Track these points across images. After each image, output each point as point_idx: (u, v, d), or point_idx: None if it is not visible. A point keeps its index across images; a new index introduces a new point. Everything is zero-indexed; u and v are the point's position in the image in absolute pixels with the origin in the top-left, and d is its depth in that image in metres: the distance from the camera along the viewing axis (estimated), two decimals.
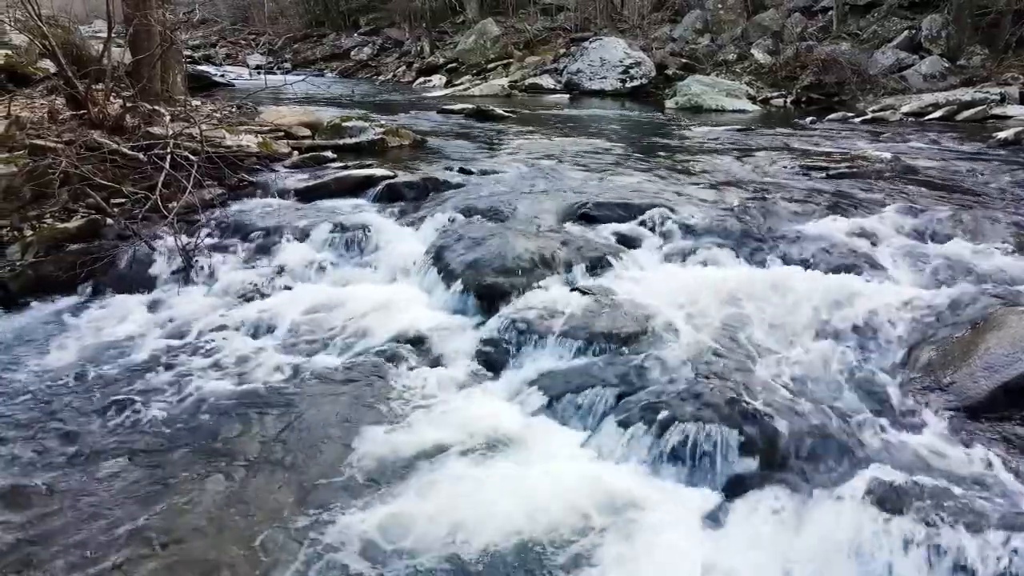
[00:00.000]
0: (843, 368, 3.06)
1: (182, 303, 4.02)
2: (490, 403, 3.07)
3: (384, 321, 3.77)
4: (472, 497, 2.44)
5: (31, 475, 2.58)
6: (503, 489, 2.48)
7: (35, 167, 4.78)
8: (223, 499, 2.46)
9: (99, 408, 3.02)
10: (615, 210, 4.98)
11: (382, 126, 8.00)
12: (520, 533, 2.29)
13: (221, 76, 16.85)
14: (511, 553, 2.22)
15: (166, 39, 6.99)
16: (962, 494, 2.22)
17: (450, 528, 2.30)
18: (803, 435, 2.54)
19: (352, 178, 5.80)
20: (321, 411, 3.02)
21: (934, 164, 6.99)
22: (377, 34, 27.23)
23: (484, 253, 4.15)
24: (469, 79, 19.31)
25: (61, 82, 6.26)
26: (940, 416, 2.68)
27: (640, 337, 3.32)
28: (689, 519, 2.32)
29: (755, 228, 4.64)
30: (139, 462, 2.67)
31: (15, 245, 4.46)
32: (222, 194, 5.39)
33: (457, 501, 2.42)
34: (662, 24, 20.39)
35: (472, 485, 2.51)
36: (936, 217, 4.78)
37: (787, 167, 6.81)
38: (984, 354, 2.89)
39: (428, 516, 2.36)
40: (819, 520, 2.26)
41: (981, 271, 3.94)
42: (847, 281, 3.83)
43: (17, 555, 2.19)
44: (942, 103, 11.69)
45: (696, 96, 13.93)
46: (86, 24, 21.77)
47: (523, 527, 2.31)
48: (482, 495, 2.45)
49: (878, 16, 16.15)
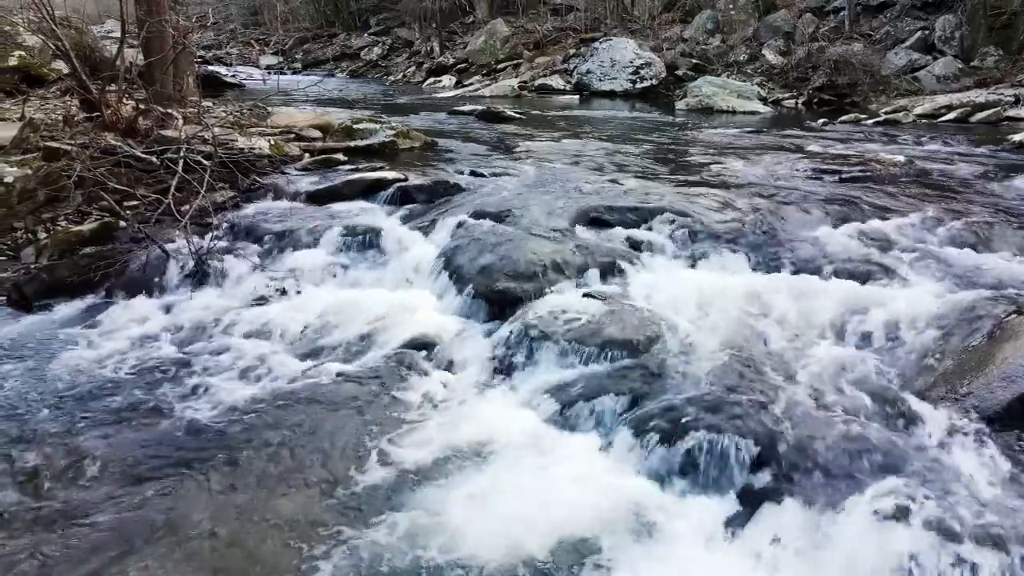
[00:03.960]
0: (857, 377, 3.04)
1: (195, 307, 4.03)
2: (502, 410, 3.06)
3: (396, 325, 3.77)
4: (485, 505, 2.44)
5: (42, 479, 2.59)
6: (516, 497, 2.48)
7: (49, 170, 4.82)
8: (234, 502, 2.46)
9: (112, 412, 3.03)
10: (627, 214, 4.96)
11: (393, 128, 8.02)
12: (532, 542, 2.28)
13: (232, 76, 16.89)
14: (523, 562, 2.21)
15: (179, 42, 7.02)
16: (981, 508, 2.20)
17: (461, 536, 2.29)
18: (818, 446, 2.52)
19: (363, 181, 5.81)
20: (333, 416, 3.02)
21: (948, 168, 6.93)
22: (387, 34, 27.31)
23: (496, 257, 4.14)
24: (479, 79, 19.33)
25: (74, 84, 6.31)
26: (957, 427, 2.65)
27: (653, 344, 3.31)
28: (704, 530, 2.31)
29: (768, 233, 4.61)
30: (151, 466, 2.67)
31: (29, 248, 4.49)
32: (234, 197, 5.41)
33: (469, 509, 2.42)
34: (673, 24, 20.32)
35: (485, 493, 2.50)
36: (951, 222, 4.74)
37: (800, 170, 6.77)
38: (1001, 364, 2.86)
39: (439, 524, 2.35)
40: (834, 533, 2.24)
41: (996, 278, 3.89)
42: (861, 288, 3.80)
43: (29, 561, 2.20)
44: (956, 105, 11.61)
45: (707, 97, 13.88)
46: (98, 24, 21.88)
47: (536, 536, 2.30)
48: (495, 503, 2.45)
49: (891, 16, 16.06)
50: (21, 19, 9.09)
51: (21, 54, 9.86)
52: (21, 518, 2.39)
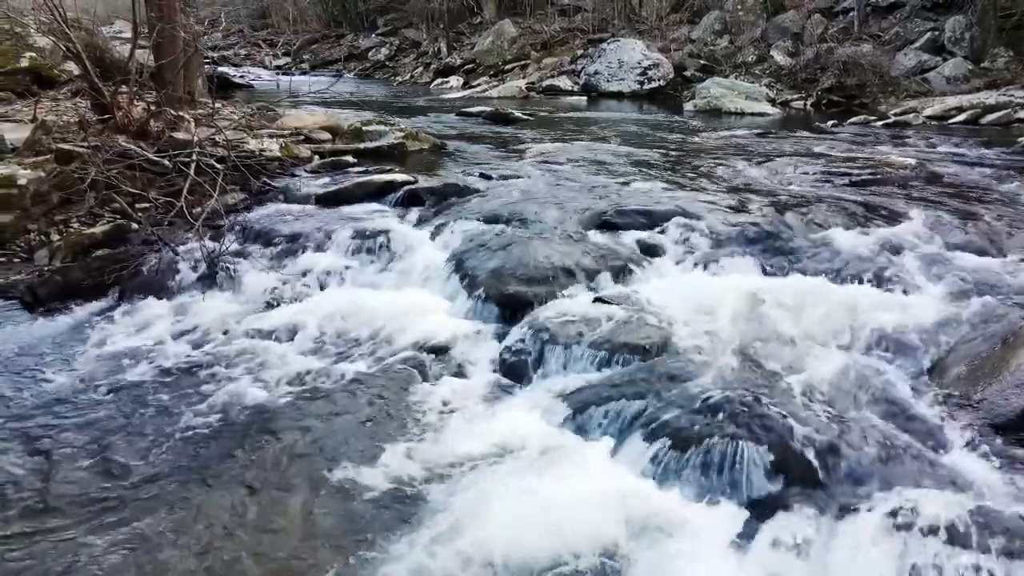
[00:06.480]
0: (870, 383, 3.03)
1: (207, 309, 4.05)
2: (513, 415, 3.06)
3: (406, 328, 3.78)
4: (496, 510, 2.43)
5: (54, 479, 2.61)
6: (528, 503, 2.47)
7: (62, 172, 4.85)
8: (245, 504, 2.48)
9: (125, 415, 3.05)
10: (636, 217, 4.96)
11: (402, 130, 8.03)
12: (544, 548, 2.27)
13: (241, 77, 16.99)
14: (535, 568, 2.21)
15: (190, 44, 7.05)
16: (995, 516, 2.19)
17: (472, 541, 2.29)
18: (831, 452, 2.52)
19: (373, 183, 5.82)
20: (344, 420, 3.03)
21: (959, 170, 6.90)
22: (395, 35, 27.36)
23: (505, 261, 4.15)
24: (486, 80, 19.33)
25: (86, 86, 6.34)
26: (970, 435, 2.64)
27: (664, 348, 3.31)
28: (717, 537, 2.30)
29: (778, 237, 4.60)
30: (163, 468, 2.69)
31: (43, 250, 4.52)
32: (245, 199, 5.44)
33: (481, 514, 2.41)
34: (680, 25, 20.29)
35: (496, 499, 2.49)
36: (963, 226, 4.72)
37: (809, 173, 6.76)
38: (1016, 371, 2.84)
39: (450, 529, 2.35)
40: (847, 540, 2.23)
41: (1009, 283, 3.88)
42: (873, 292, 3.80)
43: (39, 561, 2.21)
44: (966, 106, 11.56)
45: (715, 98, 13.86)
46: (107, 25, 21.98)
47: (547, 542, 2.29)
48: (506, 507, 2.44)
49: (900, 17, 16.00)
50: (32, 20, 9.13)
51: (32, 55, 9.89)
52: (31, 517, 2.41)
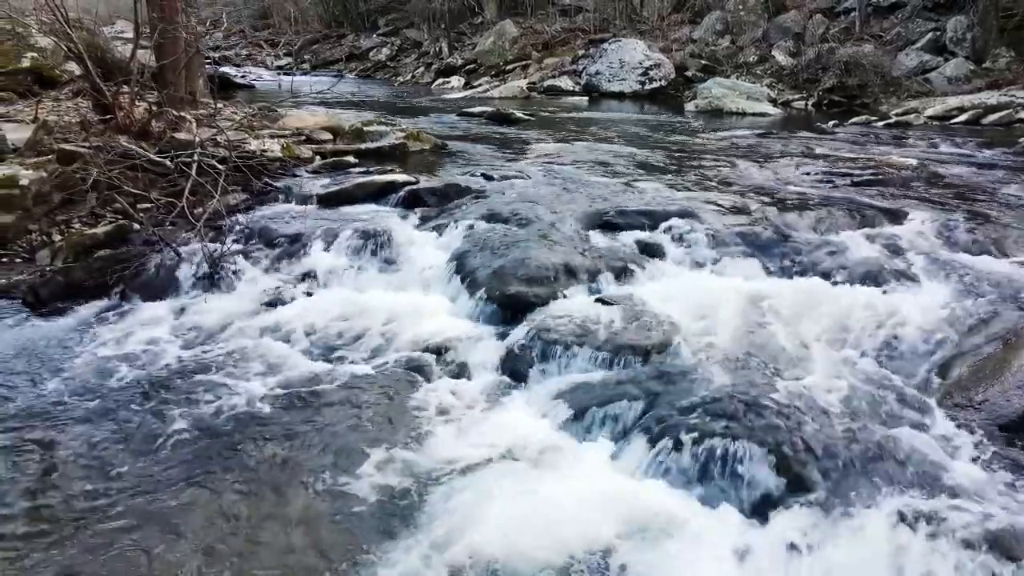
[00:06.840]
0: (872, 383, 3.03)
1: (208, 309, 4.05)
2: (514, 416, 3.06)
3: (407, 329, 3.78)
4: (497, 511, 2.43)
5: (56, 478, 2.61)
6: (529, 503, 2.47)
7: (64, 172, 4.85)
8: (245, 504, 2.48)
9: (127, 415, 3.04)
10: (638, 218, 4.96)
11: (403, 130, 8.03)
12: (544, 550, 2.27)
13: (242, 78, 17.00)
14: (536, 569, 2.21)
15: (191, 45, 7.05)
16: (996, 518, 2.19)
17: (473, 542, 2.29)
18: (832, 453, 2.52)
19: (374, 184, 5.82)
20: (345, 421, 3.03)
21: (961, 171, 6.90)
22: (396, 35, 27.36)
23: (507, 261, 4.14)
24: (487, 80, 19.34)
25: (87, 86, 6.34)
26: (973, 435, 2.65)
27: (665, 349, 3.31)
28: (716, 540, 2.30)
29: (779, 237, 4.60)
30: (163, 470, 2.69)
31: (44, 250, 4.52)
32: (246, 199, 5.44)
33: (481, 515, 2.42)
34: (682, 25, 20.29)
35: (496, 500, 2.50)
36: (964, 227, 4.72)
37: (810, 173, 6.75)
38: (1018, 372, 2.85)
39: (451, 530, 2.35)
40: (849, 541, 2.23)
41: (1011, 284, 3.88)
42: (875, 293, 3.79)
43: (45, 560, 2.22)
44: (967, 107, 11.56)
45: (716, 99, 13.86)
46: (108, 25, 21.99)
47: (547, 544, 2.29)
48: (506, 511, 2.44)
49: (902, 17, 15.99)
50: (34, 20, 9.14)
51: (33, 55, 9.89)
52: (36, 516, 2.41)
